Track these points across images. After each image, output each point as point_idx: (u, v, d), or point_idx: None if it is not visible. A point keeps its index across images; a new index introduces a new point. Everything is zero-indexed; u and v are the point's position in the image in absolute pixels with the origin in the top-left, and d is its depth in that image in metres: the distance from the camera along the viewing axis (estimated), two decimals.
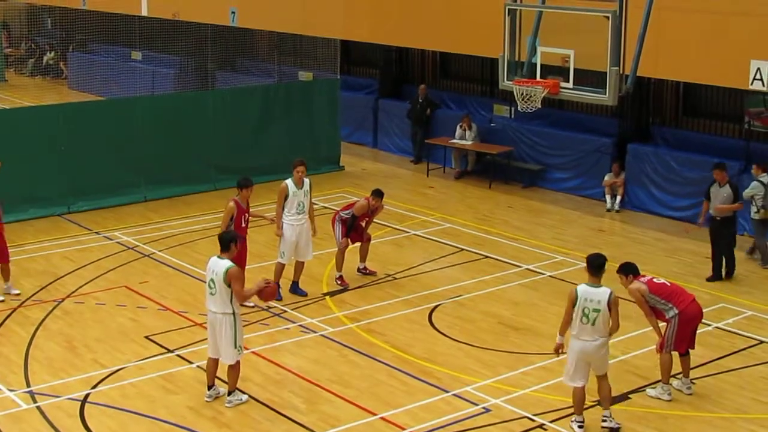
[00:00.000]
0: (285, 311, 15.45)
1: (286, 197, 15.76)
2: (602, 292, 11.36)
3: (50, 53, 40.98)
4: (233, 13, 27.85)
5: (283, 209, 15.80)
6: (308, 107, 24.56)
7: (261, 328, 14.88)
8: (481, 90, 26.62)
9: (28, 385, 13.00)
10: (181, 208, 21.29)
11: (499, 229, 20.08)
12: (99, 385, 13.06)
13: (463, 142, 24.31)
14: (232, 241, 12.30)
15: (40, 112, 22.24)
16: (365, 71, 29.72)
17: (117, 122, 21.60)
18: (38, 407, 12.43)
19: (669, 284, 12.64)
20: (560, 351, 11.79)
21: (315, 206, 21.33)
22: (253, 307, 15.24)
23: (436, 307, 15.88)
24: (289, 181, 15.85)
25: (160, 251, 18.46)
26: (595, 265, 11.53)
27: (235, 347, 12.24)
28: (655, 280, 12.58)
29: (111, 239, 19.17)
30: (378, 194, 16.90)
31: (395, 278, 17.12)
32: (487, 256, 18.33)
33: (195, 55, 32.75)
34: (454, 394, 12.82)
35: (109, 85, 33.85)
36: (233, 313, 12.18)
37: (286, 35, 29.25)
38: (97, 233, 19.52)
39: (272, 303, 15.29)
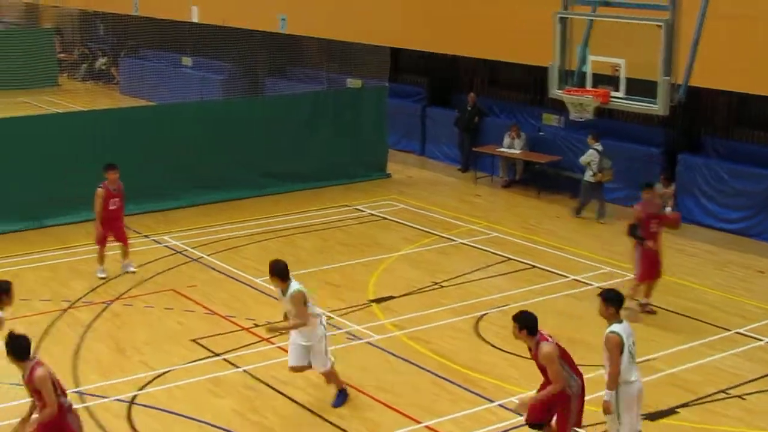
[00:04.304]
0: (331, 318, 15.46)
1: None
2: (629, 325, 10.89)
3: (102, 59, 41.41)
4: (282, 20, 27.96)
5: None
6: (356, 114, 24.61)
7: None
8: (530, 99, 26.53)
9: (77, 386, 13.10)
10: (230, 213, 21.38)
11: (547, 238, 19.97)
12: (146, 387, 13.15)
13: (512, 150, 24.23)
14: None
15: (92, 116, 22.48)
16: (413, 79, 29.71)
17: (166, 127, 21.78)
18: (86, 407, 12.51)
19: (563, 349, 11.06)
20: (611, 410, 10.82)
21: (362, 213, 21.52)
22: None
23: (482, 316, 15.81)
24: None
25: (208, 255, 18.55)
26: (620, 299, 10.78)
27: None
28: (554, 340, 10.85)
29: (160, 243, 19.30)
30: (649, 185, 16.00)
31: (442, 286, 17.07)
32: (533, 266, 18.23)
33: (244, 61, 32.94)
34: (499, 404, 12.75)
35: (159, 90, 34.11)
36: None
37: (335, 42, 29.34)
38: (146, 236, 19.65)
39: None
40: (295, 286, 12.20)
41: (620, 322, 10.68)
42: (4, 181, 19.78)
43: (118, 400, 12.74)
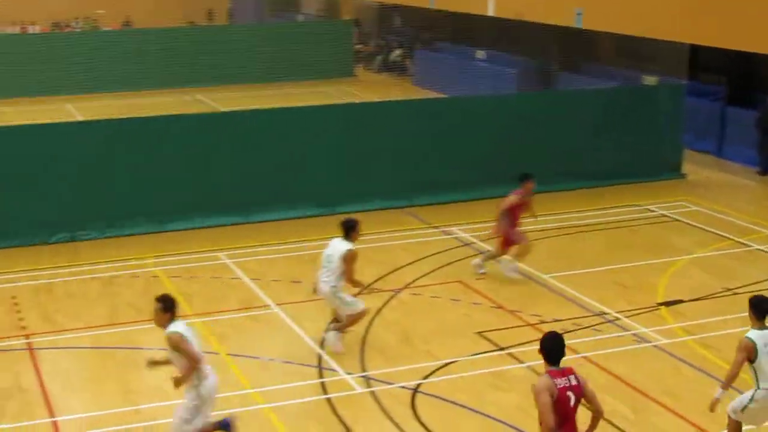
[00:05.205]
0: (619, 319, 15.20)
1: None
2: None
3: (397, 50, 42.35)
4: (579, 14, 27.67)
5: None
6: (651, 112, 23.97)
7: (593, 333, 14.73)
8: None
9: (364, 370, 13.50)
10: None
11: None
12: (430, 376, 13.37)
13: None
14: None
15: (386, 107, 23.11)
16: (712, 77, 28.69)
17: (458, 120, 22.02)
18: (372, 392, 12.88)
19: None
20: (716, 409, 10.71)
21: (653, 213, 20.99)
22: None
23: None
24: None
25: None
26: (762, 305, 10.69)
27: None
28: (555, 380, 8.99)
29: (449, 234, 19.56)
30: None
31: (735, 293, 16.43)
32: None
33: (538, 55, 32.85)
34: None
35: (452, 82, 34.57)
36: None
37: (630, 38, 28.75)
38: (435, 228, 19.96)
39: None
40: (172, 327, 10.32)
41: (761, 328, 10.53)
42: (302, 169, 20.66)
43: (402, 387, 13.02)
